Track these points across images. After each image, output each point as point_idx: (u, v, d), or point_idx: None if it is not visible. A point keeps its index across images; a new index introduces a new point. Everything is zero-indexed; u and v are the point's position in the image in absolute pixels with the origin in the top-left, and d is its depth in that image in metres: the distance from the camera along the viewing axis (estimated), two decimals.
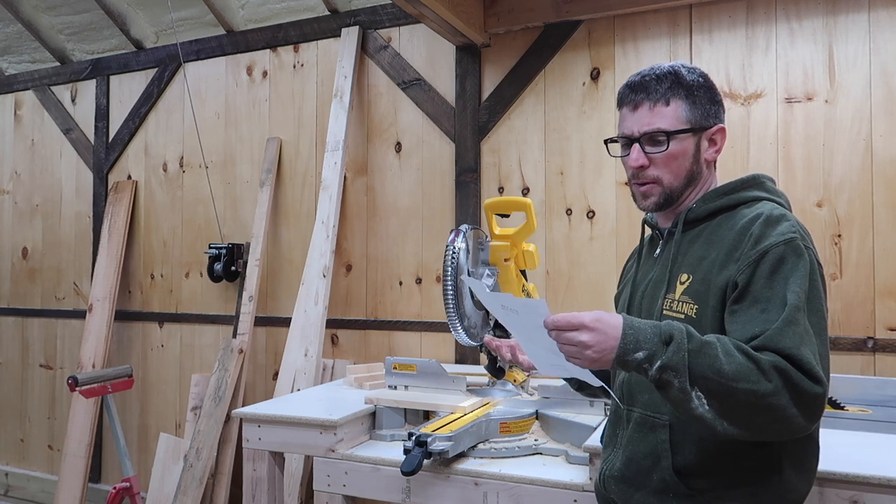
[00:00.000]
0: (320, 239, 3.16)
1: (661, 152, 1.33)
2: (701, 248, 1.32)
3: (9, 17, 3.98)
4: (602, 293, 2.82)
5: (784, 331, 1.12)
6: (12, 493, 4.23)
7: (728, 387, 1.07)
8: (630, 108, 1.37)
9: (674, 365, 1.08)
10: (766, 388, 1.06)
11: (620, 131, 1.40)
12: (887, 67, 2.43)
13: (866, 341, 2.42)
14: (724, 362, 1.08)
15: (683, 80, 1.34)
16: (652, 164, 1.34)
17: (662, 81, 1.34)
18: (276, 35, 3.52)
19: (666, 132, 1.33)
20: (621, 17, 2.81)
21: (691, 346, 1.09)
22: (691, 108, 1.34)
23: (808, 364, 1.09)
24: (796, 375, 1.08)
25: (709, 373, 1.07)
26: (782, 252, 1.19)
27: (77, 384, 2.82)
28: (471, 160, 3.05)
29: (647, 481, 1.29)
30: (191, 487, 3.06)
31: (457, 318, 2.05)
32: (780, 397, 1.07)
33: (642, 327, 1.12)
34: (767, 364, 1.08)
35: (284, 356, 3.10)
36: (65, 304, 4.15)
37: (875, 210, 2.44)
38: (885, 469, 1.50)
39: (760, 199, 1.33)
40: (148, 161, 3.90)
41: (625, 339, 1.11)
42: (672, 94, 1.34)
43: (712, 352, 1.09)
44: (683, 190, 1.36)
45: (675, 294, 1.31)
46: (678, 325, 1.13)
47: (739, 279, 1.20)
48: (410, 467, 1.62)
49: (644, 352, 1.10)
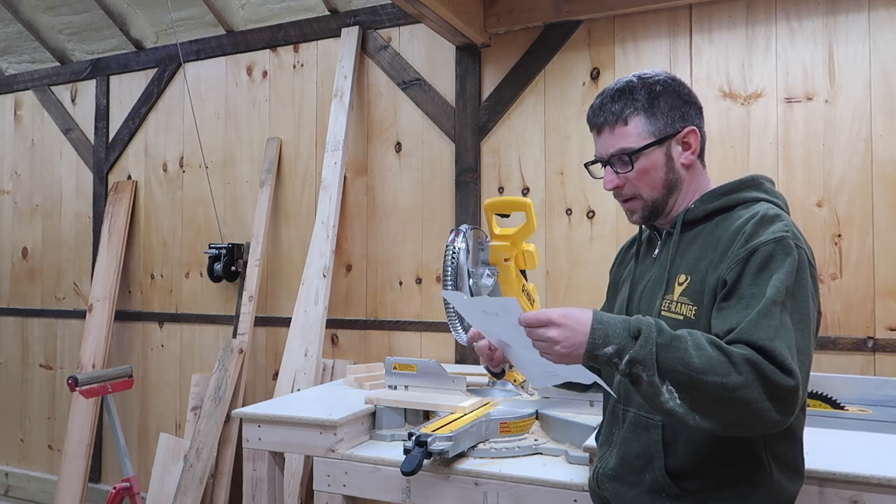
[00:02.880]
0: (320, 239, 3.16)
1: (630, 171, 1.35)
2: (699, 249, 1.32)
3: (9, 17, 3.98)
4: (602, 293, 2.80)
5: (758, 323, 1.11)
6: (12, 493, 4.23)
7: (698, 380, 1.07)
8: (595, 132, 1.40)
9: (642, 359, 1.09)
10: (737, 381, 1.06)
11: (595, 154, 1.43)
12: (887, 67, 2.43)
13: (866, 341, 2.42)
14: (693, 356, 1.08)
15: (638, 95, 1.34)
16: (627, 182, 1.36)
17: (617, 101, 1.35)
18: (276, 35, 3.52)
19: (628, 152, 1.33)
20: (621, 17, 2.81)
21: (660, 339, 1.10)
22: (651, 120, 1.34)
23: (781, 356, 1.08)
24: (768, 368, 1.07)
25: (678, 366, 1.08)
26: (771, 250, 1.18)
27: (77, 384, 2.82)
28: (471, 160, 3.05)
29: (640, 480, 1.30)
30: (191, 487, 3.06)
31: (457, 319, 2.05)
32: (751, 390, 1.06)
33: (611, 322, 1.14)
34: (738, 357, 1.07)
35: (284, 356, 3.10)
36: (65, 304, 4.15)
37: (875, 210, 2.44)
38: (885, 469, 1.49)
39: (758, 200, 1.33)
40: (148, 161, 3.90)
41: (594, 333, 1.12)
42: (629, 111, 1.34)
43: (682, 345, 1.09)
44: (666, 199, 1.37)
45: (673, 295, 1.31)
46: (648, 320, 1.14)
47: (728, 276, 1.21)
48: (410, 467, 1.62)
49: (613, 346, 1.11)
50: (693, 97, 1.39)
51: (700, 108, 1.40)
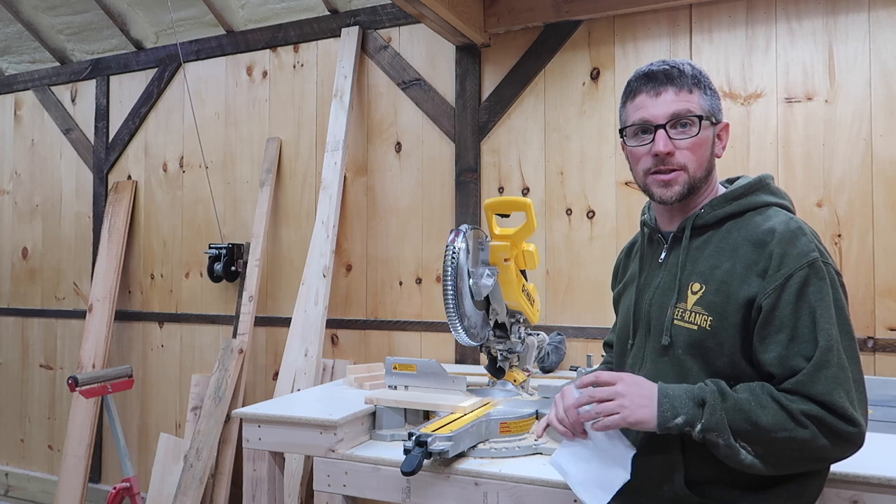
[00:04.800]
0: (320, 239, 3.16)
1: (690, 137, 1.30)
2: (712, 256, 1.30)
3: (9, 17, 3.98)
4: (602, 293, 2.82)
5: (815, 376, 1.15)
6: (12, 493, 4.23)
7: (768, 437, 1.13)
8: (651, 94, 1.32)
9: (714, 426, 1.15)
10: (804, 435, 1.13)
11: (638, 118, 1.34)
12: (887, 67, 2.43)
13: (866, 341, 2.42)
14: (759, 415, 1.14)
15: (700, 74, 1.35)
16: (677, 150, 1.31)
17: (683, 71, 1.33)
18: (276, 35, 3.52)
19: (697, 115, 1.30)
20: (621, 17, 2.81)
21: (726, 404, 1.16)
22: (709, 100, 1.34)
23: (842, 408, 1.13)
24: (830, 419, 1.13)
25: (748, 427, 1.14)
26: (806, 275, 1.20)
27: (77, 384, 2.82)
28: (471, 160, 3.05)
29: (658, 492, 1.29)
30: (191, 487, 3.06)
31: (457, 318, 2.04)
32: (818, 440, 1.13)
33: (676, 394, 1.19)
34: (797, 411, 1.13)
35: (284, 356, 3.10)
36: (65, 304, 4.15)
37: (875, 210, 2.44)
38: (885, 469, 1.49)
39: (769, 205, 1.32)
40: (148, 161, 3.90)
41: (661, 406, 1.19)
42: (694, 84, 1.32)
43: (747, 407, 1.15)
44: (703, 182, 1.35)
45: (686, 304, 1.29)
46: (710, 387, 1.19)
47: (764, 303, 1.21)
48: (410, 467, 1.62)
49: (683, 416, 1.17)
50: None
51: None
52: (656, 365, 1.33)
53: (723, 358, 1.24)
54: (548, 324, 2.88)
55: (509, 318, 2.26)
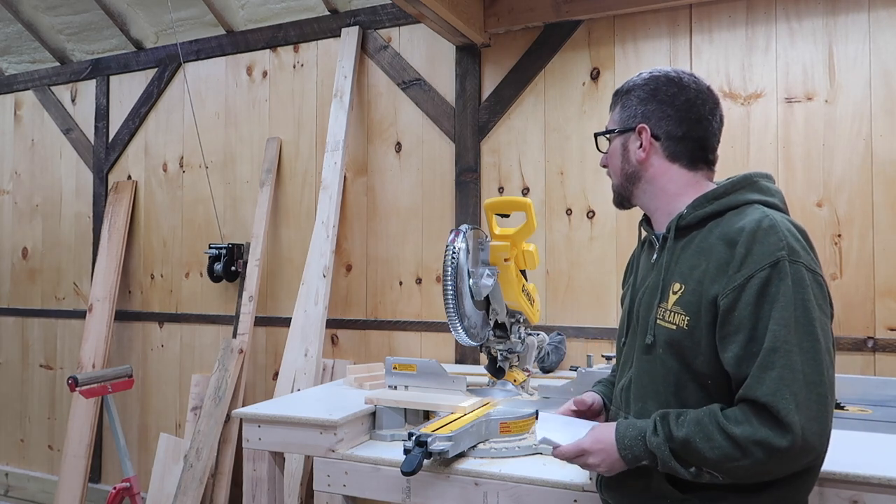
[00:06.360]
0: (320, 239, 3.16)
1: (604, 153, 1.49)
2: (693, 256, 1.30)
3: (9, 17, 3.98)
4: (602, 293, 2.82)
5: (761, 378, 1.15)
6: (12, 493, 4.23)
7: (719, 467, 1.18)
8: None
9: (670, 465, 1.21)
10: (749, 463, 1.15)
11: None
12: (887, 67, 2.43)
13: (866, 341, 2.42)
14: (705, 451, 1.17)
15: (629, 88, 1.43)
16: (608, 164, 1.49)
17: (618, 90, 1.46)
18: (276, 35, 3.52)
19: (606, 131, 1.46)
20: (621, 17, 2.81)
21: (673, 445, 1.20)
22: (622, 111, 1.43)
23: (780, 412, 1.12)
24: (774, 440, 1.13)
25: (697, 461, 1.19)
26: (766, 276, 1.17)
27: (77, 384, 2.82)
28: (471, 160, 3.05)
29: (643, 486, 1.31)
30: (191, 487, 3.06)
31: (457, 318, 2.04)
32: (765, 465, 1.16)
33: (626, 434, 1.26)
34: (744, 440, 1.15)
35: (284, 356, 3.10)
36: (65, 304, 4.15)
37: (875, 210, 2.44)
38: (885, 469, 1.49)
39: (751, 203, 1.30)
40: (148, 161, 3.90)
41: (622, 453, 1.26)
42: (616, 100, 1.46)
43: (694, 447, 1.18)
44: (628, 189, 1.44)
45: (667, 304, 1.30)
46: (651, 423, 1.24)
47: (722, 303, 1.20)
48: (410, 467, 1.62)
49: (645, 460, 1.24)
50: (666, 97, 1.36)
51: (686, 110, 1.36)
52: (641, 363, 1.36)
53: (700, 357, 1.25)
54: (548, 324, 2.88)
55: (509, 318, 2.26)
